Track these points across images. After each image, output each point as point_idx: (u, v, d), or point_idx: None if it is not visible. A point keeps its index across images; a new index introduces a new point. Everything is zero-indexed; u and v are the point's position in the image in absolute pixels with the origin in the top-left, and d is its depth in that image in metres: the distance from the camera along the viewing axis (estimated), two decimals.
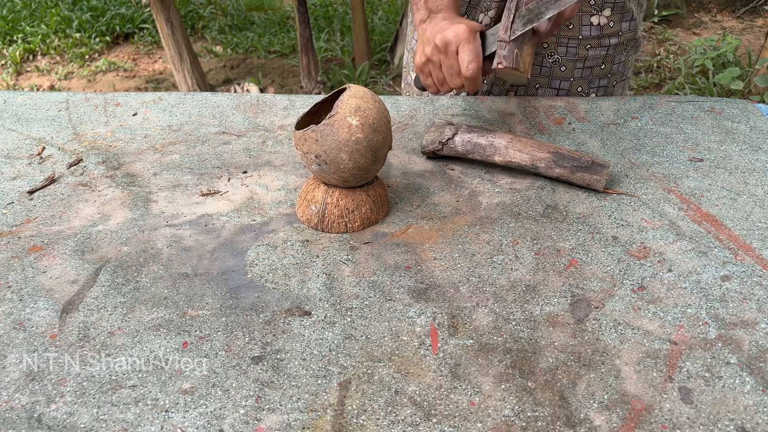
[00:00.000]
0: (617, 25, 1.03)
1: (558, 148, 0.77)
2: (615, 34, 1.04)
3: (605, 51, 1.04)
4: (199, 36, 4.16)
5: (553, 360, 0.53)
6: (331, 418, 0.48)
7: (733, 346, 0.54)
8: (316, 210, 0.69)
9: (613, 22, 1.02)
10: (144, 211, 0.74)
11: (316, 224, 0.70)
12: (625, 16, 1.03)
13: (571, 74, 1.05)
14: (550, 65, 1.05)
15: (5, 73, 3.63)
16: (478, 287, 0.61)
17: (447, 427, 0.47)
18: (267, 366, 0.53)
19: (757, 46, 3.25)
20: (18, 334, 0.56)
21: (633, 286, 0.61)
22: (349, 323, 0.57)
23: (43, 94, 1.10)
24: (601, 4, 1.00)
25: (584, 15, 1.01)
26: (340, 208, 0.69)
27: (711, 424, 0.47)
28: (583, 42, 1.02)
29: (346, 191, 0.69)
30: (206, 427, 0.47)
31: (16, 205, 0.76)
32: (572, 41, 1.02)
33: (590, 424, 0.47)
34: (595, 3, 1.00)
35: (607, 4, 1.00)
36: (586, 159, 0.75)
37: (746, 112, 0.95)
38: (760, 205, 0.72)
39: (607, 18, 1.02)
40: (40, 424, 0.48)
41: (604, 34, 1.03)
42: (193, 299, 0.60)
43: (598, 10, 1.01)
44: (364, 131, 0.64)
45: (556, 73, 1.05)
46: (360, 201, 0.69)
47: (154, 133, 0.94)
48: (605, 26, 1.02)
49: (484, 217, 0.72)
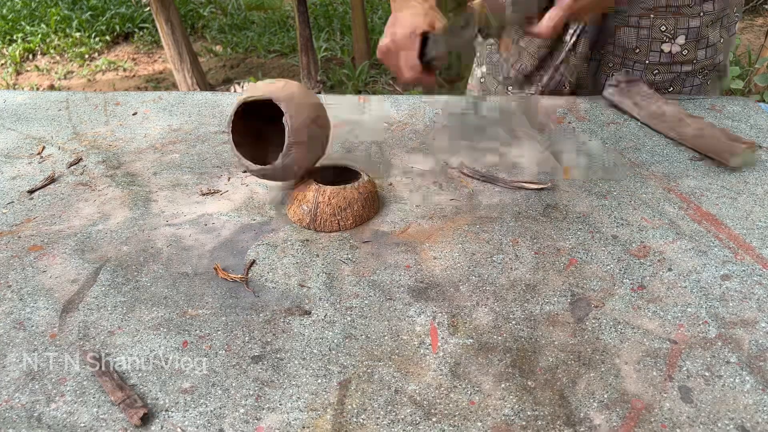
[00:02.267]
0: (692, 54, 0.97)
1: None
2: (688, 62, 0.98)
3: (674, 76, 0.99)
4: (199, 35, 4.15)
5: (553, 359, 0.53)
6: (331, 417, 0.48)
7: (732, 345, 0.54)
8: (307, 209, 0.69)
9: (687, 50, 0.96)
10: (144, 211, 0.74)
11: (308, 223, 0.70)
12: (701, 43, 0.97)
13: None
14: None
15: (5, 72, 3.63)
16: (478, 286, 0.61)
17: (447, 426, 0.47)
18: (267, 365, 0.53)
19: (757, 45, 3.25)
20: (18, 334, 0.56)
21: (633, 285, 0.61)
22: (349, 322, 0.57)
23: (43, 93, 1.09)
24: (673, 31, 0.95)
25: (654, 41, 0.96)
26: (332, 206, 0.69)
27: (711, 423, 0.47)
28: (650, 67, 0.98)
29: (337, 189, 0.70)
30: (206, 426, 0.47)
31: (16, 205, 0.76)
32: (638, 65, 0.98)
33: (590, 423, 0.47)
34: (666, 30, 0.95)
35: (681, 31, 0.95)
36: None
37: (747, 110, 0.95)
38: (760, 204, 0.72)
39: (680, 46, 0.96)
40: (40, 423, 0.48)
41: (675, 62, 0.97)
42: (193, 298, 0.60)
43: (671, 38, 0.95)
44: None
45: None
46: (352, 199, 0.70)
47: (154, 132, 0.94)
48: (677, 54, 0.97)
49: (484, 216, 0.72)
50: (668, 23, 0.94)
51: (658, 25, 0.94)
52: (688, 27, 0.94)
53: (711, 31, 0.96)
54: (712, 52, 0.98)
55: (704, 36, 0.96)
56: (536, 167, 0.82)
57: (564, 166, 0.81)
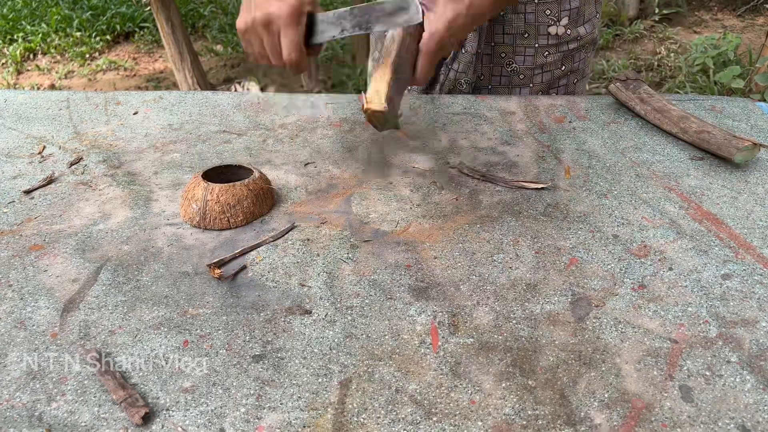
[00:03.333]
0: (574, 31, 1.02)
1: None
2: (574, 40, 1.03)
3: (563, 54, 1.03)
4: (199, 35, 4.16)
5: (554, 358, 0.53)
6: (332, 417, 0.48)
7: (733, 344, 0.54)
8: (197, 208, 0.70)
9: (570, 29, 1.01)
10: (144, 210, 0.74)
11: (198, 222, 0.70)
12: (579, 20, 1.02)
13: (531, 81, 1.05)
14: (508, 74, 1.04)
15: (6, 72, 3.63)
16: (479, 286, 0.61)
17: (447, 425, 0.47)
18: (267, 364, 0.53)
19: (757, 44, 3.25)
20: (19, 333, 0.56)
21: (633, 285, 0.61)
22: (350, 322, 0.57)
23: (43, 93, 1.10)
24: (557, 14, 0.99)
25: (541, 25, 0.99)
26: (220, 204, 0.70)
27: (711, 423, 0.47)
28: (540, 50, 1.01)
29: (226, 187, 0.70)
30: (207, 425, 0.48)
31: (17, 204, 0.76)
32: (529, 49, 1.01)
33: (591, 422, 0.47)
34: (551, 13, 0.98)
35: (564, 13, 0.99)
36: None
37: (747, 111, 0.95)
38: (760, 204, 0.72)
39: (564, 27, 1.00)
40: (41, 422, 0.48)
41: (562, 41, 1.02)
42: (193, 298, 0.60)
43: (556, 21, 0.99)
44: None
45: (515, 80, 1.04)
46: (241, 196, 0.70)
47: (154, 131, 0.94)
48: (563, 34, 1.01)
49: (484, 215, 0.72)
50: (551, 7, 0.98)
51: (542, 10, 0.98)
52: (570, 8, 0.99)
53: (587, 8, 1.02)
54: (591, 27, 1.05)
55: (582, 13, 1.01)
56: (536, 167, 0.82)
57: (565, 166, 0.81)
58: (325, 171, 0.82)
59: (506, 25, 1.00)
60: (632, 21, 3.98)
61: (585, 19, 1.02)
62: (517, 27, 0.99)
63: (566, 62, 1.04)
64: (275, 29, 0.70)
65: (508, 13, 0.98)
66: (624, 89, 0.95)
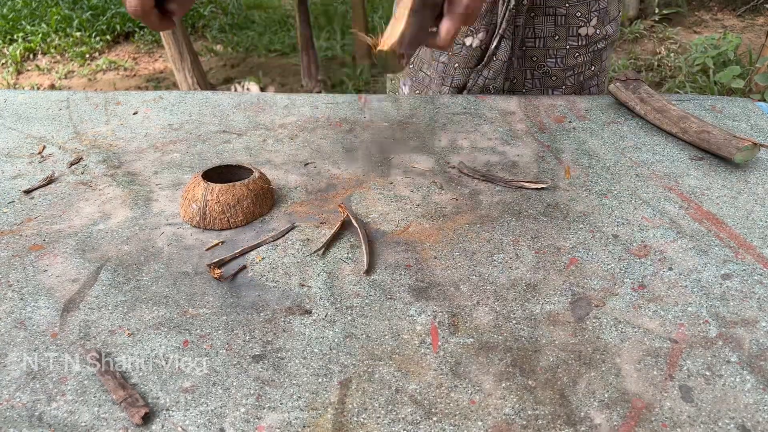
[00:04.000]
0: (603, 31, 1.03)
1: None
2: (602, 39, 1.04)
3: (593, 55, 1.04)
4: (199, 35, 4.16)
5: (554, 358, 0.53)
6: (332, 417, 0.48)
7: (733, 344, 0.54)
8: (197, 208, 0.70)
9: (599, 30, 1.02)
10: (145, 210, 0.74)
11: (198, 222, 0.71)
12: (605, 19, 1.03)
13: (563, 83, 1.05)
14: (541, 76, 1.05)
15: (6, 72, 3.63)
16: (479, 286, 0.61)
17: (447, 425, 0.47)
18: (267, 364, 0.53)
19: (757, 44, 3.25)
20: (19, 333, 0.56)
21: (633, 285, 0.61)
22: (350, 322, 0.57)
23: (43, 93, 1.10)
24: (587, 15, 0.99)
25: (572, 27, 1.00)
26: (220, 204, 0.70)
27: (711, 423, 0.47)
28: (571, 51, 1.02)
29: (226, 187, 0.71)
30: (207, 425, 0.48)
31: (17, 204, 0.76)
32: (560, 51, 1.02)
33: (591, 422, 0.47)
34: (581, 15, 0.99)
35: (593, 13, 1.00)
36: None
37: (747, 111, 0.95)
38: (760, 204, 0.72)
39: (594, 27, 1.01)
40: (41, 422, 0.48)
41: (591, 42, 1.03)
42: (193, 298, 0.60)
43: (586, 22, 1.00)
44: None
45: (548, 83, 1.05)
46: (241, 195, 0.70)
47: (154, 131, 0.94)
48: (593, 35, 1.02)
49: (484, 215, 0.72)
50: (582, 8, 0.98)
51: (573, 12, 0.99)
52: (599, 8, 1.00)
53: (612, 7, 1.03)
54: (616, 26, 1.05)
55: (608, 12, 1.02)
56: (536, 167, 0.82)
57: (565, 166, 0.81)
58: (325, 171, 0.82)
59: (537, 28, 1.01)
60: (632, 21, 3.98)
61: (611, 17, 1.04)
62: (548, 30, 1.00)
63: (595, 62, 1.05)
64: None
65: (539, 15, 0.99)
66: (624, 89, 0.95)
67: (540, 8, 0.99)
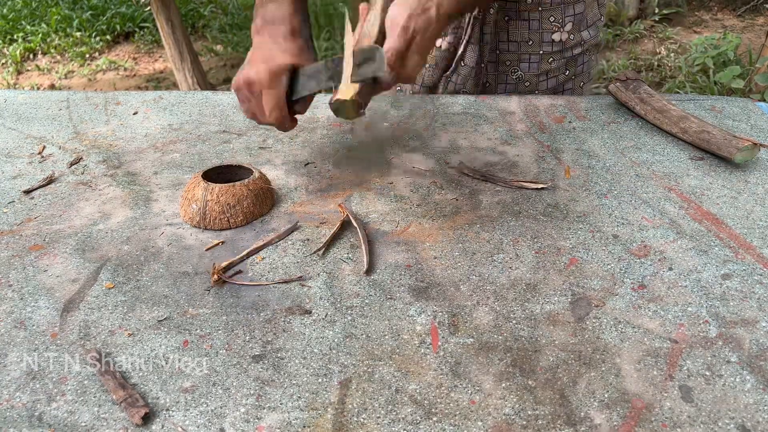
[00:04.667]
0: (578, 36, 1.01)
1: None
2: (577, 45, 1.02)
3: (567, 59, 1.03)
4: (199, 35, 4.16)
5: (554, 358, 0.53)
6: (332, 417, 0.48)
7: (733, 344, 0.54)
8: (197, 208, 0.70)
9: (573, 35, 1.01)
10: (144, 210, 0.74)
11: (198, 222, 0.71)
12: (582, 25, 1.01)
13: (536, 87, 1.05)
14: (514, 81, 1.04)
15: (6, 72, 3.63)
16: (479, 286, 0.61)
17: (447, 425, 0.47)
18: (267, 364, 0.53)
19: (757, 44, 3.25)
20: (19, 333, 0.56)
21: (633, 285, 0.61)
22: (350, 322, 0.57)
23: (43, 93, 1.10)
24: (561, 20, 0.98)
25: (545, 33, 0.99)
26: (220, 204, 0.70)
27: (711, 423, 0.47)
28: (545, 56, 1.01)
29: (226, 187, 0.71)
30: (207, 425, 0.48)
31: (17, 204, 0.76)
32: (534, 56, 1.01)
33: (591, 422, 0.47)
34: (555, 20, 0.98)
35: (568, 19, 0.99)
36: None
37: (747, 111, 0.95)
38: (760, 204, 0.72)
39: (568, 33, 1.00)
40: (41, 422, 0.48)
41: (566, 47, 1.01)
42: (193, 298, 0.60)
43: (560, 27, 0.99)
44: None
45: (521, 88, 1.05)
46: (241, 196, 0.70)
47: (154, 131, 0.94)
48: (567, 40, 1.01)
49: (484, 215, 0.72)
50: (555, 14, 0.97)
51: (547, 17, 0.98)
52: (574, 14, 0.99)
53: (590, 12, 1.01)
54: (594, 31, 1.04)
55: (585, 18, 1.01)
56: (536, 167, 0.82)
57: (565, 166, 0.81)
58: (325, 171, 0.82)
59: (510, 33, 1.00)
60: (632, 21, 3.98)
61: (588, 23, 1.02)
62: (522, 34, 0.99)
63: (570, 67, 1.04)
64: (256, 90, 0.73)
65: (513, 20, 0.98)
66: (624, 89, 0.95)
67: (513, 12, 0.98)
